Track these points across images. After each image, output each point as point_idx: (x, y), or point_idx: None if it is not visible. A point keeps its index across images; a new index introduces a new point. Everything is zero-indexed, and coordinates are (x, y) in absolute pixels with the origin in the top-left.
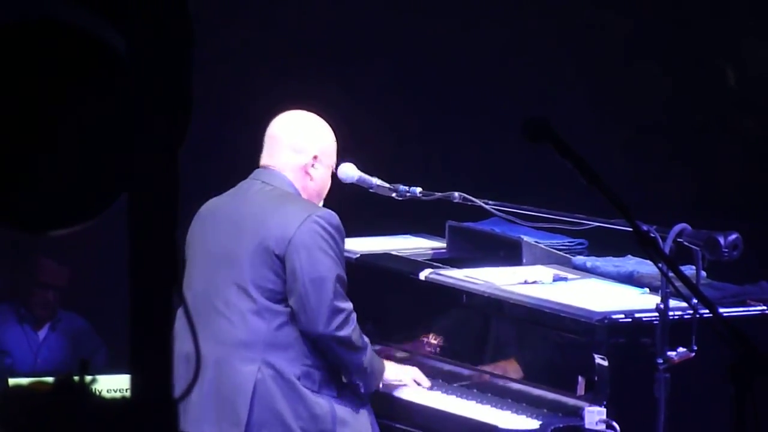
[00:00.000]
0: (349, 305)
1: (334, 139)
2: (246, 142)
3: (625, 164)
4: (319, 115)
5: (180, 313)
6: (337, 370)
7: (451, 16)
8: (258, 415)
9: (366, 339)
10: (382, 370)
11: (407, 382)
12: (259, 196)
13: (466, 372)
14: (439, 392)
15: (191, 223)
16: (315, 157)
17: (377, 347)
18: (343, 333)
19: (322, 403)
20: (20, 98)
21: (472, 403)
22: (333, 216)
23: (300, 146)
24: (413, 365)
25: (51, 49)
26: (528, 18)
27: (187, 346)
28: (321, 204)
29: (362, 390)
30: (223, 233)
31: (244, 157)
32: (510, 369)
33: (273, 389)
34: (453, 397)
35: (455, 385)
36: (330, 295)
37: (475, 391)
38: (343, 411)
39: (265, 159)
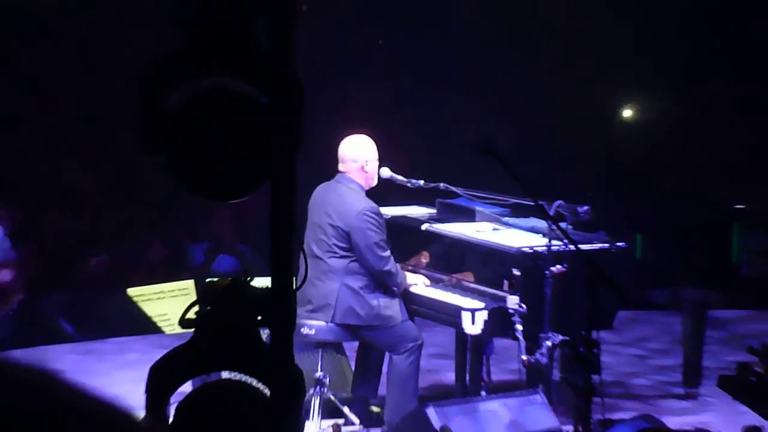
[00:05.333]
0: (388, 252)
1: (375, 148)
2: (328, 151)
3: (537, 161)
4: (368, 134)
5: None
6: (382, 283)
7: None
8: (340, 310)
9: (397, 265)
10: (404, 279)
11: (418, 283)
12: (338, 194)
13: (445, 277)
14: (432, 288)
15: (311, 196)
16: (366, 162)
17: (399, 264)
18: (387, 268)
19: (374, 300)
20: (220, 128)
21: (449, 293)
22: (375, 207)
23: (357, 158)
24: (418, 275)
25: (227, 103)
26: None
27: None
28: (375, 182)
29: (396, 291)
30: (321, 212)
31: (325, 162)
32: (469, 276)
33: (348, 296)
34: (439, 291)
35: (440, 284)
36: (377, 251)
37: (450, 288)
38: (386, 302)
39: (341, 166)
